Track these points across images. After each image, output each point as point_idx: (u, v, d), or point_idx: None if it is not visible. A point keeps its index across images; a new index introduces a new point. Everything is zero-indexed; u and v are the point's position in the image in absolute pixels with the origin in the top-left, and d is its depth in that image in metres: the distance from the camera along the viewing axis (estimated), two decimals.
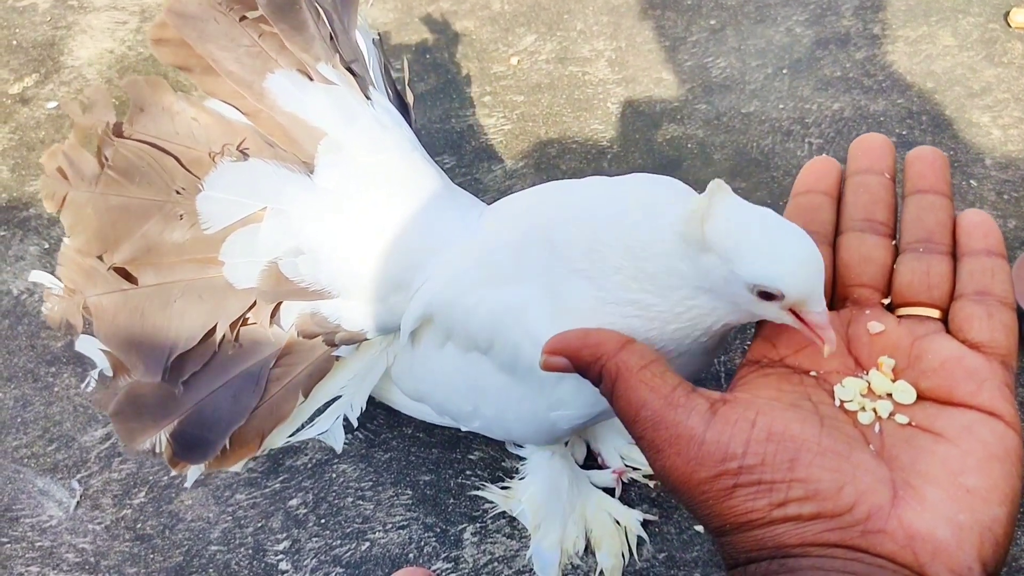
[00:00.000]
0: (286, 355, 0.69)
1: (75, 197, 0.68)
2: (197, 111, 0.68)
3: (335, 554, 0.78)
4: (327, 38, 0.71)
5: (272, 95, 0.69)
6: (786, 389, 0.43)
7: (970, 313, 0.43)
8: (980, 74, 1.13)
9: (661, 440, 0.40)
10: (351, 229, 0.67)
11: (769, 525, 0.38)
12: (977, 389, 0.41)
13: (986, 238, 0.45)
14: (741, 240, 0.45)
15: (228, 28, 0.70)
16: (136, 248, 0.67)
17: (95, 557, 0.79)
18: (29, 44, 1.29)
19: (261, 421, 0.70)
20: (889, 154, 0.50)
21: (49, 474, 0.85)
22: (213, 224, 0.67)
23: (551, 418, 0.61)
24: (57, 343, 0.94)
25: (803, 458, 0.38)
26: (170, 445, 0.69)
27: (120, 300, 0.68)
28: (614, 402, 0.43)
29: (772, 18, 1.24)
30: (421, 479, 0.83)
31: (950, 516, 0.37)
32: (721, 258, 0.46)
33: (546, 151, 1.10)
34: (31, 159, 1.13)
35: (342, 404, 0.74)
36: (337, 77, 0.70)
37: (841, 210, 0.50)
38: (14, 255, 1.02)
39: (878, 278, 0.47)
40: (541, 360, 0.47)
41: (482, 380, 0.64)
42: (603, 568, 0.75)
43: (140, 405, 0.69)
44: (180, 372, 0.68)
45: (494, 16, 1.29)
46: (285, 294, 0.68)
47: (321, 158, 0.68)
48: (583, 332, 0.46)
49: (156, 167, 0.67)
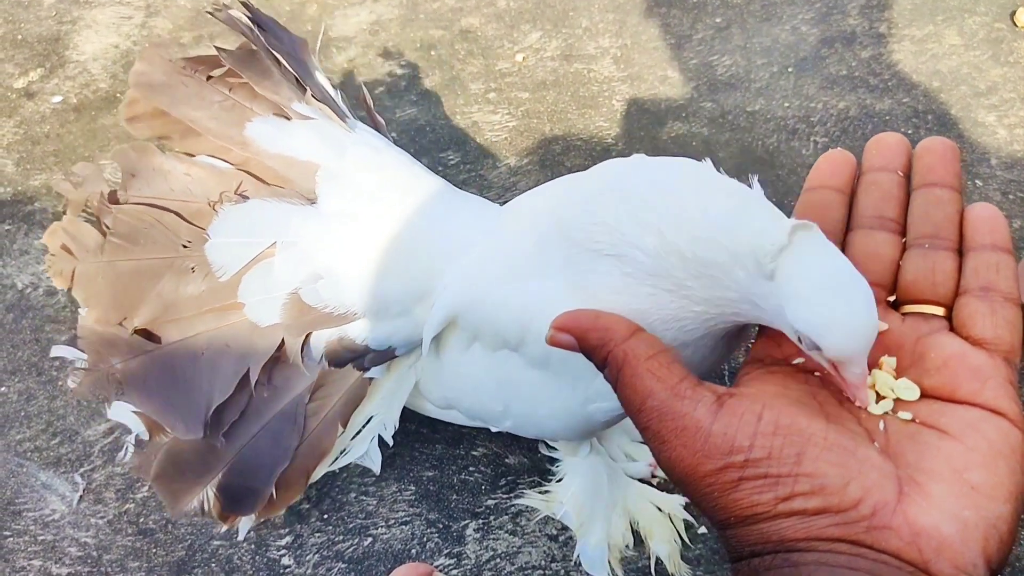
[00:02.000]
0: (320, 387, 0.69)
1: (84, 270, 0.68)
2: (188, 166, 0.69)
3: (337, 549, 0.78)
4: (293, 80, 0.71)
5: (256, 142, 0.69)
6: (791, 386, 0.43)
7: (974, 310, 0.43)
8: (986, 73, 1.13)
9: (667, 431, 0.40)
10: (366, 246, 0.66)
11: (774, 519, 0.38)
12: (981, 387, 0.40)
13: (993, 233, 0.44)
14: (804, 288, 0.44)
15: (198, 88, 0.70)
16: (154, 309, 0.67)
17: (97, 551, 0.79)
18: (34, 39, 1.29)
19: (304, 459, 0.70)
20: (904, 152, 0.49)
21: (52, 468, 0.85)
22: (226, 270, 0.67)
23: (587, 411, 0.60)
24: (61, 336, 0.94)
25: (810, 452, 0.38)
26: (218, 500, 0.68)
27: (148, 362, 0.68)
28: (619, 389, 0.42)
29: (778, 16, 1.24)
30: (424, 475, 0.82)
31: (955, 513, 0.37)
32: (780, 295, 0.45)
33: (551, 148, 1.10)
34: (36, 153, 1.13)
35: (376, 425, 0.74)
36: (313, 112, 0.70)
37: (853, 207, 0.49)
38: (19, 249, 1.02)
39: (884, 275, 0.47)
40: (548, 334, 0.45)
41: (513, 377, 0.63)
42: (659, 555, 0.75)
43: (181, 463, 0.68)
44: (219, 424, 0.68)
45: (499, 13, 1.28)
46: (310, 323, 0.67)
47: (321, 187, 0.68)
48: (594, 313, 0.44)
49: (159, 226, 0.67)
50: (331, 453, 0.71)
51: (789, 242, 0.44)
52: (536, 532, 0.78)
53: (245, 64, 0.70)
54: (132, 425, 0.69)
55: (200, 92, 0.70)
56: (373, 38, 1.26)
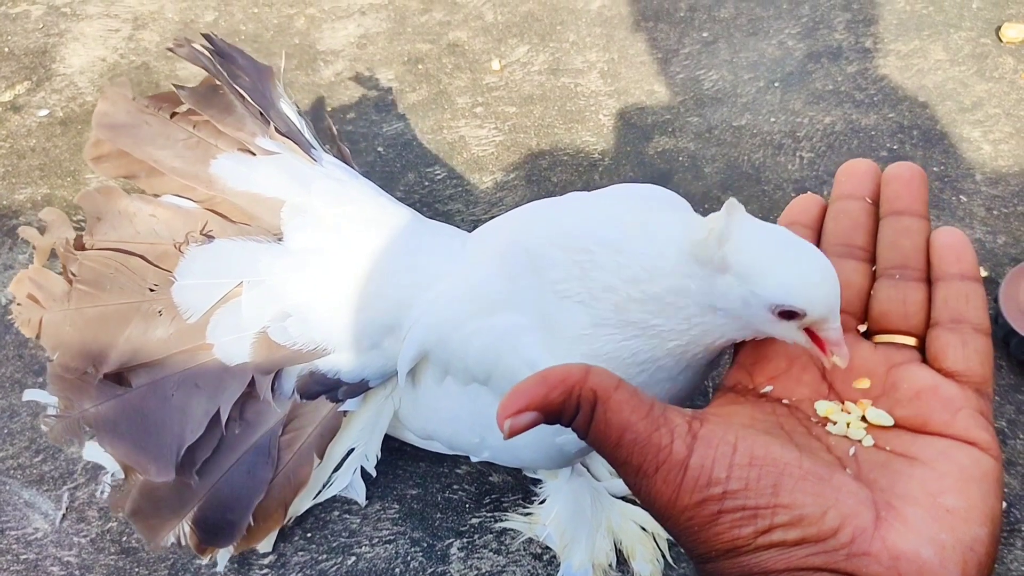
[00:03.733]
0: (292, 420, 0.69)
1: (51, 319, 0.68)
2: (153, 208, 0.69)
3: (321, 568, 0.78)
4: (256, 115, 0.71)
5: (221, 179, 0.69)
6: (759, 417, 0.43)
7: (945, 342, 0.43)
8: (971, 89, 1.13)
9: (648, 465, 0.39)
10: (333, 282, 0.67)
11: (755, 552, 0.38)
12: (952, 419, 0.41)
13: (959, 262, 0.45)
14: (763, 261, 0.45)
15: (161, 128, 0.71)
16: (123, 354, 0.67)
17: (80, 570, 0.79)
18: (21, 51, 1.29)
19: (281, 491, 0.70)
20: (873, 179, 0.50)
21: (35, 486, 0.84)
22: (193, 311, 0.67)
23: (557, 443, 0.60)
24: (44, 353, 0.93)
25: (786, 483, 0.38)
26: (194, 533, 0.68)
27: (118, 407, 0.68)
28: (593, 430, 0.40)
29: (764, 31, 1.24)
30: (408, 492, 0.82)
31: (932, 536, 0.37)
32: (741, 279, 0.46)
33: (537, 163, 1.10)
34: (21, 167, 1.13)
35: (357, 456, 0.74)
36: (277, 146, 0.71)
37: (822, 234, 0.50)
38: (3, 264, 1.02)
39: (855, 303, 0.47)
40: (505, 429, 0.39)
41: (486, 411, 0.63)
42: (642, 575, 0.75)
43: (156, 500, 0.68)
44: (192, 463, 0.68)
45: (487, 27, 1.29)
46: (280, 361, 0.67)
47: (287, 224, 0.68)
48: (540, 376, 0.40)
49: (124, 270, 0.67)
50: (309, 484, 0.71)
51: (725, 226, 0.45)
52: (521, 551, 0.78)
53: (206, 102, 0.71)
54: (107, 464, 0.69)
55: (164, 131, 0.70)
56: (360, 51, 1.26)
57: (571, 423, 0.40)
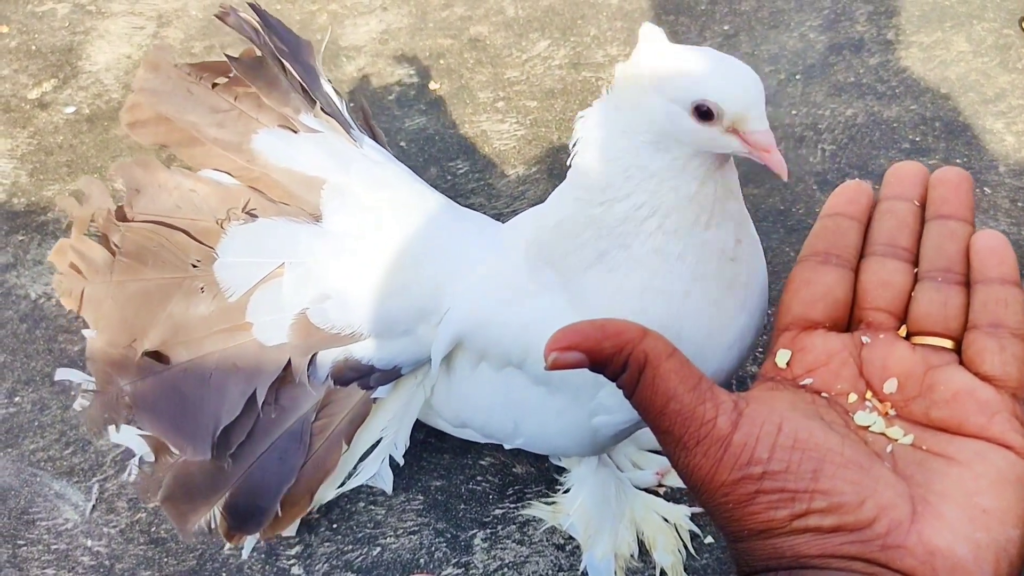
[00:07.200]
0: (325, 406, 0.69)
1: (93, 292, 0.68)
2: (193, 182, 0.68)
3: (347, 559, 0.79)
4: (299, 90, 0.70)
5: (263, 154, 0.68)
6: (800, 405, 0.43)
7: (983, 346, 0.43)
8: (994, 80, 1.12)
9: (689, 437, 0.39)
10: (370, 266, 0.67)
11: (789, 535, 0.38)
12: (988, 423, 0.41)
13: (1000, 265, 0.44)
14: (673, 63, 0.48)
15: (203, 96, 0.69)
16: (165, 331, 0.67)
17: (110, 560, 0.80)
18: (48, 49, 1.31)
19: (309, 477, 0.70)
20: (922, 182, 0.49)
21: (65, 477, 0.86)
22: (235, 290, 0.66)
23: (593, 425, 0.61)
24: (74, 347, 0.95)
25: (827, 469, 0.38)
26: (224, 519, 0.68)
27: (157, 384, 0.67)
28: (639, 393, 0.40)
29: (786, 24, 1.24)
30: (432, 484, 0.83)
31: (968, 534, 0.37)
32: (656, 87, 0.48)
33: (559, 157, 1.10)
34: (49, 164, 1.14)
35: (386, 445, 0.74)
36: (320, 125, 0.70)
37: (868, 234, 0.49)
38: (32, 259, 1.03)
39: (895, 303, 0.47)
40: (550, 359, 0.40)
41: (519, 395, 0.64)
42: (663, 566, 0.75)
43: (190, 486, 0.68)
44: (226, 445, 0.68)
45: (508, 21, 1.29)
46: (317, 344, 0.67)
47: (326, 205, 0.67)
48: (600, 323, 0.40)
49: (168, 244, 0.67)
50: (336, 471, 0.71)
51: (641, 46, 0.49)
52: (543, 542, 0.79)
53: (254, 73, 0.70)
54: (136, 448, 0.69)
55: (205, 100, 0.69)
56: (383, 47, 1.27)
57: (616, 378, 0.40)
